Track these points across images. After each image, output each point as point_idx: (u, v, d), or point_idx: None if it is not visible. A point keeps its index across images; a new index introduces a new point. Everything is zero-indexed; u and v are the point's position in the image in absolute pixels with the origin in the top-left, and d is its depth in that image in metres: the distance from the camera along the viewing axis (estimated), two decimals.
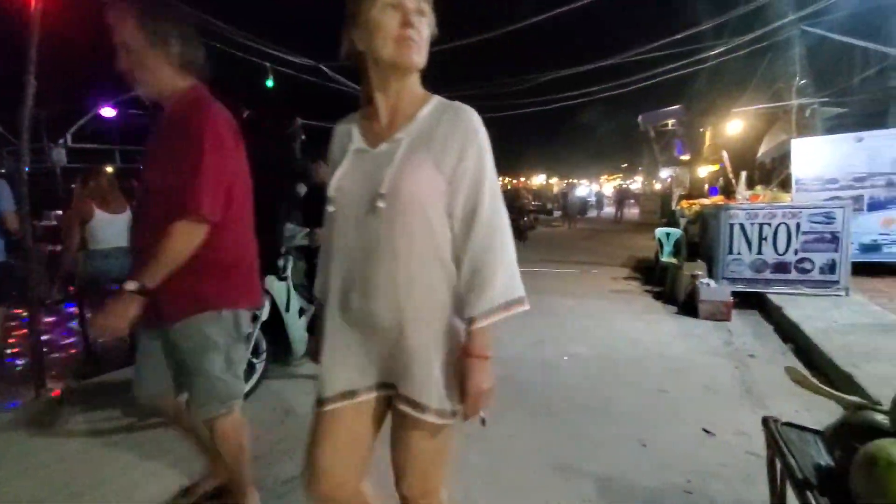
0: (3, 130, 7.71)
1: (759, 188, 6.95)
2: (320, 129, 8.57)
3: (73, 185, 5.13)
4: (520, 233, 12.70)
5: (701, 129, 19.35)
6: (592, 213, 24.51)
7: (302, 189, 5.19)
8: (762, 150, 10.15)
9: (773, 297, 5.17)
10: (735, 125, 10.16)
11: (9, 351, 4.05)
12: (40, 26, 3.15)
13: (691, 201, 7.37)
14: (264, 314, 3.24)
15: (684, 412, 2.92)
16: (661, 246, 6.50)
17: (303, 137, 8.48)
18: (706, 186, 14.04)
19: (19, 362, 3.96)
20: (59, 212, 5.01)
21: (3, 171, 7.66)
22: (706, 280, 5.12)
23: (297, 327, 3.50)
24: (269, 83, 5.80)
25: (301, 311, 3.58)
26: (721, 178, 12.70)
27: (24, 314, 3.69)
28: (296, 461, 2.45)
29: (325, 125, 9.46)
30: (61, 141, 5.89)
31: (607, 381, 3.40)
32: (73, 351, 4.36)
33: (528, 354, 3.97)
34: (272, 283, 3.32)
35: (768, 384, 3.32)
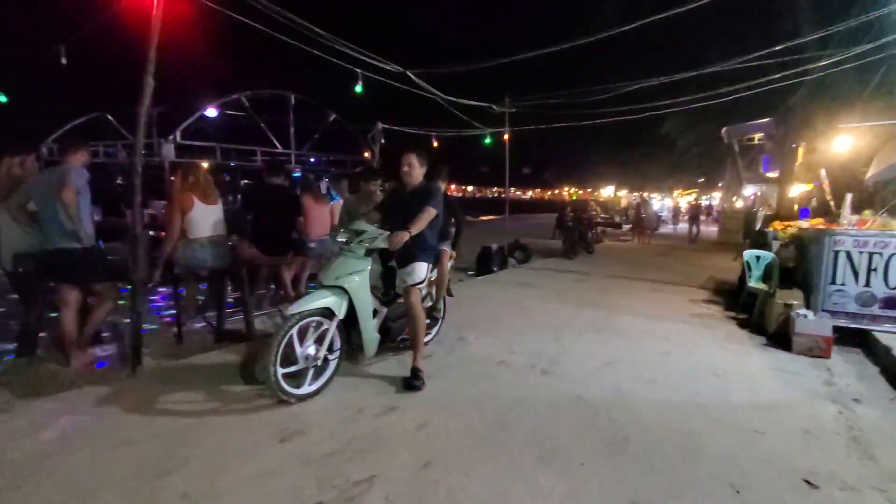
0: (119, 125, 8.58)
1: (867, 213, 6.24)
2: (400, 134, 8.78)
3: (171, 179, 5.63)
4: (587, 245, 12.32)
5: (793, 146, 17.82)
6: (667, 229, 23.33)
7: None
8: (871, 171, 9.13)
9: (880, 336, 4.61)
10: (843, 142, 9.19)
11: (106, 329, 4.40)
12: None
13: (786, 223, 6.75)
14: (341, 312, 3.26)
15: (782, 458, 2.64)
16: (749, 269, 6.01)
17: (382, 141, 8.73)
18: (796, 207, 12.87)
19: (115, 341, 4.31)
20: (165, 202, 5.45)
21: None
22: (803, 311, 4.66)
23: (370, 328, 3.50)
24: (359, 89, 6.04)
25: (375, 313, 3.58)
26: (814, 200, 11.59)
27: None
28: (368, 462, 2.47)
29: (405, 130, 9.72)
30: (171, 137, 6.45)
31: (690, 414, 3.16)
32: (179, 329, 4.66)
33: (599, 377, 3.78)
34: (352, 281, 3.32)
35: (877, 433, 2.95)
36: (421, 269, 3.57)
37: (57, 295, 3.68)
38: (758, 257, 6.04)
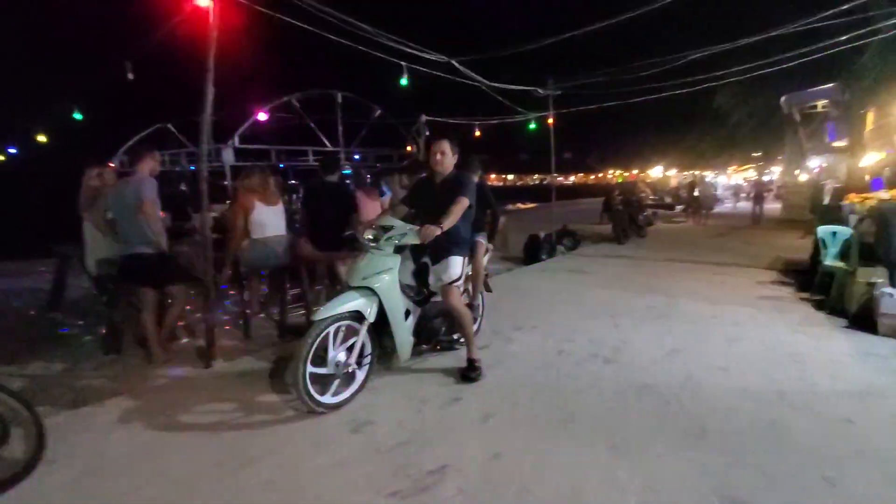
0: (179, 134, 9.09)
1: None
2: (444, 125, 8.78)
3: (234, 182, 5.88)
4: (638, 229, 11.89)
5: (862, 111, 16.42)
6: (725, 207, 22.19)
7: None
8: None
9: None
10: None
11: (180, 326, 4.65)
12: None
13: (863, 195, 6.24)
14: (371, 315, 3.04)
15: (877, 448, 2.46)
16: (824, 246, 5.60)
17: (427, 133, 8.74)
18: (867, 178, 11.86)
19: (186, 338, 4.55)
20: (226, 205, 5.68)
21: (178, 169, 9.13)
22: (888, 289, 4.30)
23: (403, 330, 3.25)
24: (404, 82, 6.01)
25: (407, 313, 3.32)
26: (888, 168, 10.65)
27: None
28: (438, 452, 2.50)
29: (448, 121, 9.69)
30: (229, 142, 6.76)
31: (770, 402, 2.99)
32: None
33: (667, 365, 3.65)
34: (380, 281, 3.08)
35: None
36: (456, 265, 3.33)
37: (136, 297, 3.93)
38: (834, 233, 5.63)
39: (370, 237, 3.18)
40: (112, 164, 4.70)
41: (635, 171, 43.42)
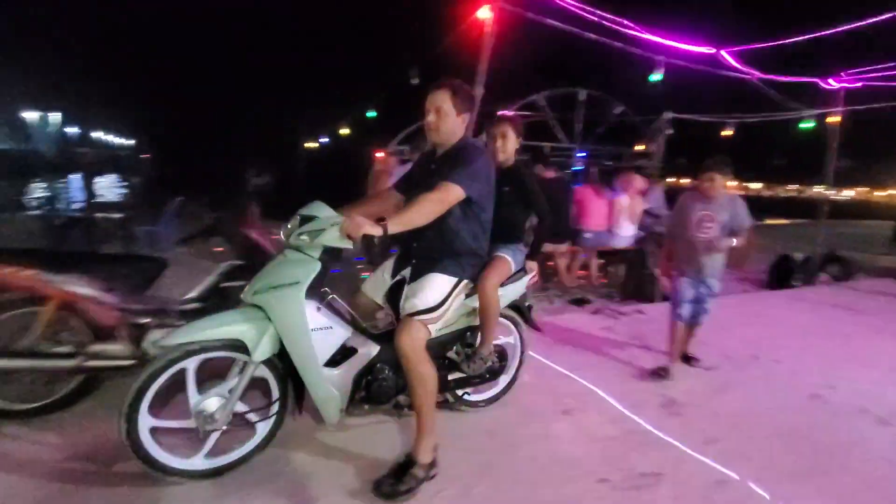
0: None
1: None
2: (694, 124, 8.04)
3: None
4: None
5: None
6: None
7: None
8: None
9: None
10: None
11: None
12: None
13: None
14: (261, 350, 1.97)
15: None
16: None
17: (669, 132, 8.15)
18: None
19: None
20: None
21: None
22: None
23: (316, 378, 2.06)
24: (658, 77, 5.60)
25: (349, 353, 2.19)
26: None
27: None
28: (651, 458, 2.47)
29: (697, 118, 8.85)
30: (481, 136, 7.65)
31: None
32: None
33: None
34: (274, 298, 1.98)
35: None
36: (433, 288, 2.16)
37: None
38: None
39: (286, 231, 2.09)
40: (389, 153, 5.78)
41: None
